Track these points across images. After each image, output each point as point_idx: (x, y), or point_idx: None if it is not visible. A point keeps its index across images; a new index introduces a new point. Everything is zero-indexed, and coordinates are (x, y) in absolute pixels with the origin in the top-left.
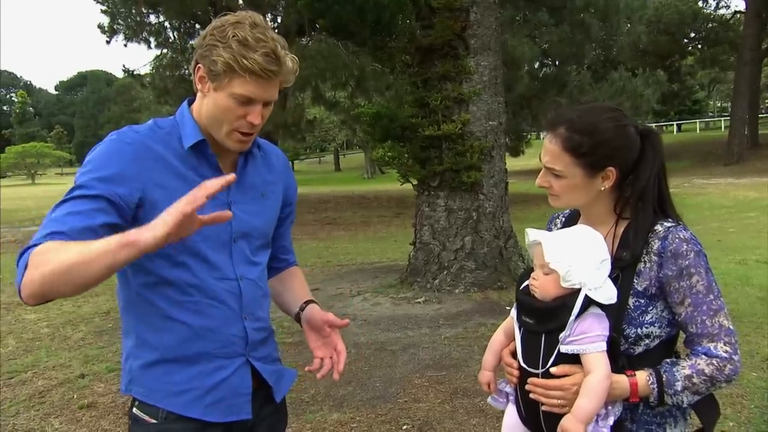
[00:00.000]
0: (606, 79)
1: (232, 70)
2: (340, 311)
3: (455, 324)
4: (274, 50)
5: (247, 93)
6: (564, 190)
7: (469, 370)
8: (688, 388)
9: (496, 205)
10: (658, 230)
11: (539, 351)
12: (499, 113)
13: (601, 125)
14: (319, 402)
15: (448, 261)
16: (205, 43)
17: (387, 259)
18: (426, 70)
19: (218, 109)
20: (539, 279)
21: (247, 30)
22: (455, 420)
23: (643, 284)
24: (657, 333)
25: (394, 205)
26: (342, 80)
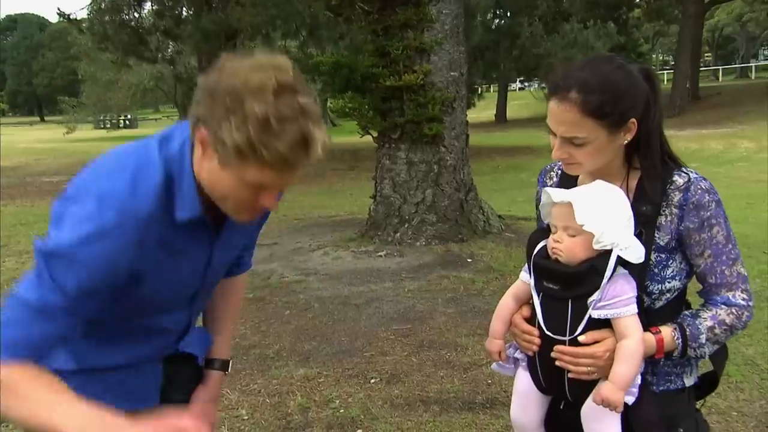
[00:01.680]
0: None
1: (245, 158)
2: (300, 266)
3: (418, 277)
4: (305, 133)
5: (263, 182)
6: (588, 156)
7: (434, 322)
8: (710, 339)
9: (457, 158)
10: (677, 181)
11: (566, 317)
12: (461, 64)
13: (614, 78)
14: (284, 357)
15: (409, 214)
16: (212, 106)
17: (345, 213)
18: (386, 18)
19: (222, 187)
20: (564, 242)
21: (270, 102)
22: (423, 372)
23: (664, 238)
24: (677, 286)
25: (348, 158)
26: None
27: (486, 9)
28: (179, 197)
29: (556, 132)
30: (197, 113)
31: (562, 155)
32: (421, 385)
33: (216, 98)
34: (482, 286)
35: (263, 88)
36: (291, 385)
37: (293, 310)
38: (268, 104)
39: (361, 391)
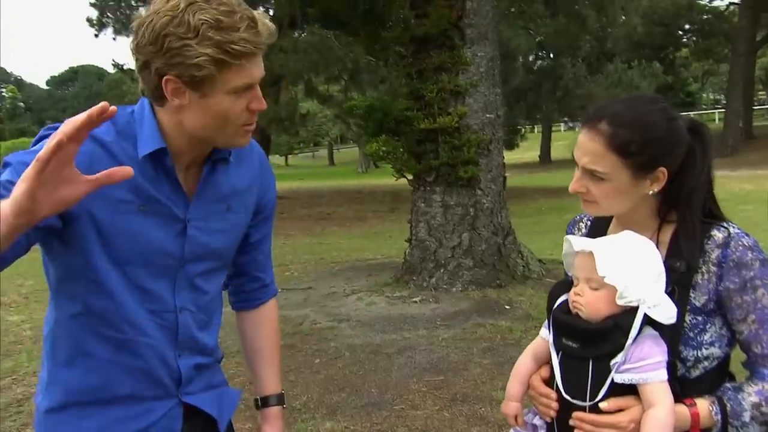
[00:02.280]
0: (601, 72)
1: (224, 64)
2: (333, 311)
3: (453, 325)
4: (251, 17)
5: (247, 80)
6: (605, 195)
7: (468, 374)
8: (756, 418)
9: (494, 201)
10: (716, 236)
11: (586, 380)
12: (497, 105)
13: (651, 119)
14: (311, 409)
15: (445, 258)
16: (165, 47)
17: (381, 256)
18: (421, 61)
19: (217, 115)
20: (586, 295)
21: (208, 7)
22: (455, 429)
23: (701, 299)
24: (717, 354)
25: (389, 200)
26: (335, 73)
27: (527, 51)
28: (140, 135)
29: (579, 162)
30: (155, 69)
31: (579, 188)
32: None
33: (162, 41)
34: (520, 336)
35: (193, 2)
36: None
37: (323, 358)
38: (208, 10)
39: None
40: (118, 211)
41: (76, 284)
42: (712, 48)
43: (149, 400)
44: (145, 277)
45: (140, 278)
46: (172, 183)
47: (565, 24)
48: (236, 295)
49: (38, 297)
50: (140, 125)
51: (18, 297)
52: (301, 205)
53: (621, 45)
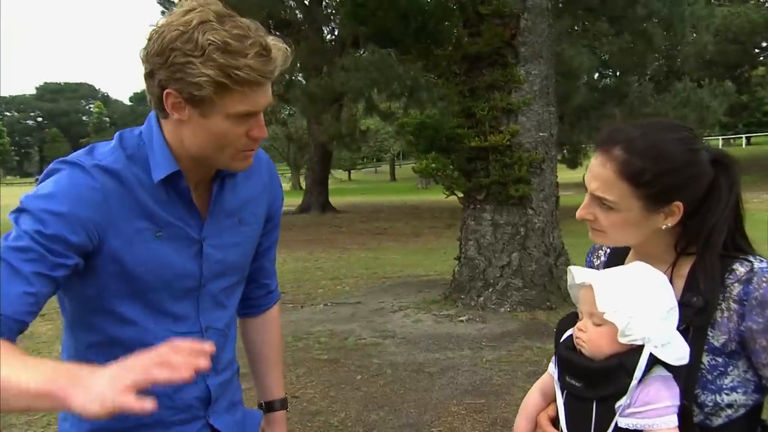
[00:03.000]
0: (669, 91)
1: (225, 88)
2: (379, 327)
3: (498, 346)
4: (263, 44)
5: (248, 108)
6: (613, 225)
7: (511, 398)
8: None
9: (546, 221)
10: (738, 270)
11: (590, 422)
12: (551, 124)
13: (669, 148)
14: (348, 427)
15: (494, 278)
16: (170, 61)
17: (434, 273)
18: (473, 79)
19: (213, 137)
20: (588, 331)
21: (219, 28)
22: None
23: (720, 339)
24: (742, 401)
25: (447, 216)
26: (395, 91)
27: (591, 68)
28: (152, 159)
29: (588, 187)
30: (158, 81)
31: (587, 215)
32: None
33: (168, 54)
34: None
35: (206, 20)
36: None
37: (365, 375)
38: (220, 31)
39: None
40: (136, 241)
41: (95, 316)
42: None
43: (175, 425)
44: (167, 301)
45: (163, 303)
46: (187, 204)
47: (630, 42)
48: (242, 302)
49: None
50: (150, 147)
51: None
52: (360, 220)
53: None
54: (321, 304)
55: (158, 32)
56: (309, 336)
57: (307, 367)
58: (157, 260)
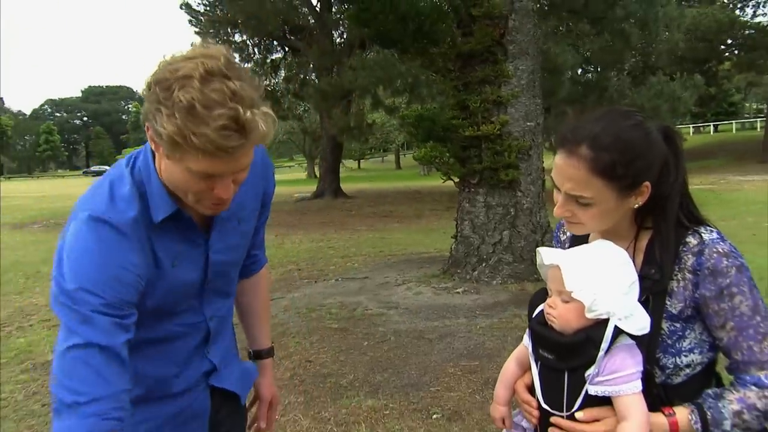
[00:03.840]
0: (645, 84)
1: (179, 147)
2: (384, 299)
3: (491, 315)
4: (235, 118)
5: (206, 170)
6: (592, 218)
7: (501, 360)
8: (737, 426)
9: (533, 202)
10: (691, 243)
11: (562, 391)
12: (537, 114)
13: (630, 137)
14: (356, 387)
15: (487, 254)
16: (150, 100)
17: (434, 250)
18: (466, 75)
19: (176, 180)
20: (558, 308)
21: (197, 88)
22: (484, 411)
23: (677, 306)
24: (698, 360)
25: (446, 200)
26: (399, 88)
27: (574, 65)
28: (152, 201)
29: (561, 188)
30: (143, 111)
31: (565, 213)
32: (481, 424)
33: (151, 92)
34: None
35: (190, 76)
36: (358, 416)
37: (371, 341)
38: (194, 91)
39: (423, 427)
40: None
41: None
42: (755, 61)
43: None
44: (175, 305)
45: (172, 306)
46: (192, 230)
47: (609, 41)
48: None
49: None
50: (149, 184)
51: None
52: (368, 204)
53: (664, 59)
54: (332, 279)
55: (159, 67)
56: (321, 307)
57: (319, 334)
58: (173, 285)
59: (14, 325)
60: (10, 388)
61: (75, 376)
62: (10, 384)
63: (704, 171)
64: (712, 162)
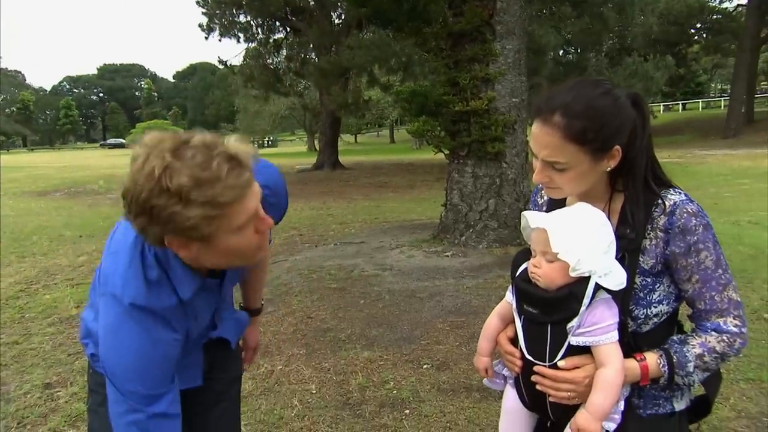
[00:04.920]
0: (621, 64)
1: (217, 217)
2: (379, 262)
3: (477, 275)
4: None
5: (246, 215)
6: (568, 181)
7: (486, 316)
8: (699, 367)
9: (517, 173)
10: (662, 204)
11: (545, 342)
12: (522, 91)
13: (599, 104)
14: (353, 341)
15: (474, 220)
16: (155, 216)
17: (425, 217)
18: (457, 53)
19: (227, 254)
20: (542, 267)
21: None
22: (470, 362)
23: (649, 262)
24: (665, 310)
25: (436, 171)
26: (393, 66)
27: (556, 46)
28: (175, 280)
29: (538, 155)
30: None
31: (543, 179)
32: (467, 373)
33: (150, 212)
34: None
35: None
36: (355, 366)
37: (367, 300)
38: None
39: (414, 375)
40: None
41: None
42: (720, 44)
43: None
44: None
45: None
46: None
47: (589, 23)
48: None
49: None
50: (169, 267)
51: None
52: (364, 176)
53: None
54: (332, 244)
55: (130, 194)
56: (321, 269)
57: (319, 294)
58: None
59: (41, 284)
60: (39, 339)
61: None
62: (39, 336)
63: (673, 146)
64: (680, 138)
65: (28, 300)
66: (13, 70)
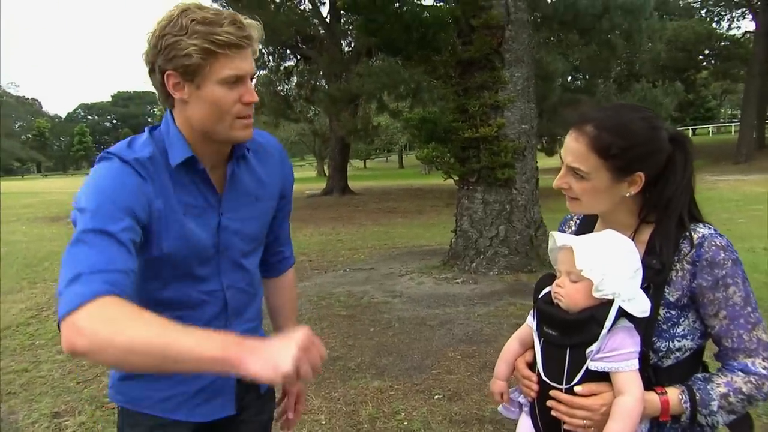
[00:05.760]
0: (629, 90)
1: (210, 53)
2: (389, 289)
3: (488, 303)
4: (234, 17)
5: (234, 71)
6: (585, 193)
7: (498, 345)
8: (723, 408)
9: (528, 199)
10: (690, 236)
11: (563, 366)
12: (531, 118)
13: (633, 126)
14: (363, 370)
15: (484, 247)
16: (163, 46)
17: (435, 243)
18: (466, 81)
19: (211, 105)
20: (566, 287)
21: (198, 12)
22: (482, 392)
23: (674, 294)
24: (689, 345)
25: (446, 197)
26: (402, 93)
27: (564, 72)
28: (170, 146)
29: (564, 160)
30: (158, 68)
31: (562, 184)
32: (479, 404)
33: (160, 41)
34: None
35: (186, 9)
36: (365, 396)
37: (377, 327)
38: (198, 12)
39: (425, 406)
40: (169, 219)
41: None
42: (729, 70)
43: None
44: (194, 266)
45: (191, 268)
46: (206, 184)
47: (597, 50)
48: (261, 265)
49: None
50: (168, 136)
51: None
52: (373, 201)
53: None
54: (341, 270)
55: (151, 32)
56: (331, 296)
57: (329, 321)
58: (185, 235)
59: (51, 310)
60: (48, 366)
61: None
62: (48, 363)
63: None
64: None
65: (39, 327)
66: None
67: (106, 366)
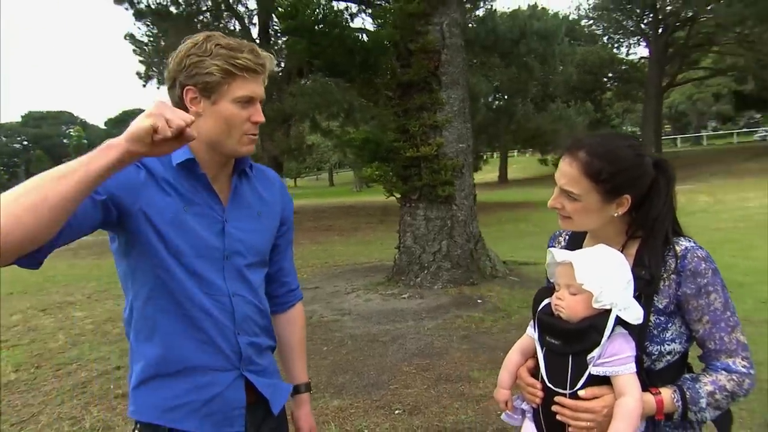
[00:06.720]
0: (546, 110)
1: (229, 73)
2: (337, 307)
3: (436, 316)
4: (253, 48)
5: (248, 93)
6: (577, 212)
7: (450, 357)
8: (711, 404)
9: (467, 214)
10: (675, 249)
11: (566, 372)
12: (468, 137)
13: (621, 153)
14: (321, 390)
15: (428, 262)
16: (187, 64)
17: (375, 260)
18: (406, 102)
19: (224, 121)
20: (566, 299)
21: (222, 39)
22: (440, 404)
23: (663, 302)
24: (678, 349)
25: (379, 213)
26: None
27: (488, 93)
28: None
29: (558, 183)
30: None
31: (556, 204)
32: (439, 416)
33: (185, 60)
34: (491, 324)
35: (211, 35)
36: (326, 416)
37: (330, 346)
38: (222, 39)
39: (387, 422)
40: (166, 210)
41: (146, 273)
42: (629, 91)
43: (216, 371)
44: (198, 265)
45: (195, 266)
46: (207, 189)
47: (516, 73)
48: (270, 300)
49: (99, 297)
50: None
51: (82, 297)
52: (308, 219)
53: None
54: None
55: (176, 53)
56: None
57: None
58: (186, 229)
59: None
60: None
61: None
62: None
63: None
64: None
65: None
66: None
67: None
